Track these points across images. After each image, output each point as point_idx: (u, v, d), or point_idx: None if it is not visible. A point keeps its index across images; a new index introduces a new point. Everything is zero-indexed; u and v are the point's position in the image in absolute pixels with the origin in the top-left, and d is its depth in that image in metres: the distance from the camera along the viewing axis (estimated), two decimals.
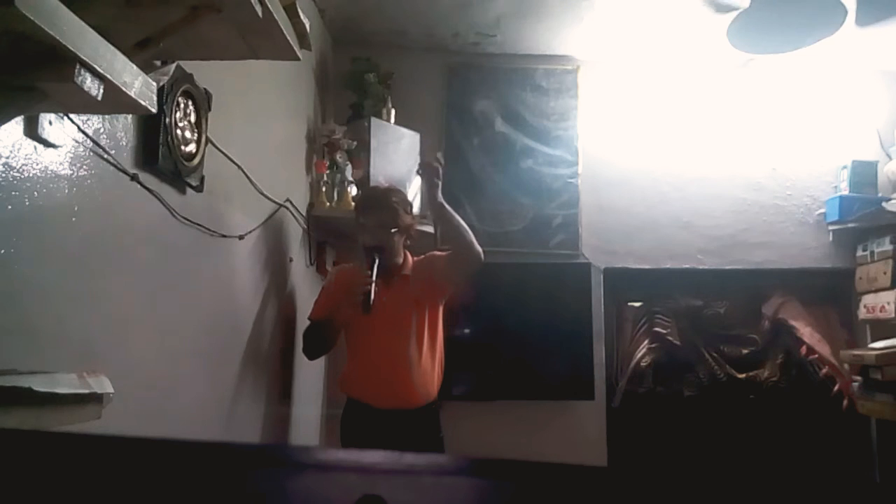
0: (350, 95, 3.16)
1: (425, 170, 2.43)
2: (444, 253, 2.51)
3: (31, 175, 1.12)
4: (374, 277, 2.23)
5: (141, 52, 1.10)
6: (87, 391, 0.97)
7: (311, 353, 2.50)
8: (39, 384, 0.88)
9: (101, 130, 1.31)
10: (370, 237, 2.35)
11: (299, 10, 1.31)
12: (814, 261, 3.43)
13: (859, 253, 3.36)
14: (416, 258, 2.51)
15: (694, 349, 3.41)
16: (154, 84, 1.00)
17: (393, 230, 2.36)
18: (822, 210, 3.41)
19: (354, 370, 2.43)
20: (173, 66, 1.48)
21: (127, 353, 1.40)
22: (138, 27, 1.09)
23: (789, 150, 3.48)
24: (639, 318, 3.46)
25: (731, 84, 3.50)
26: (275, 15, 1.19)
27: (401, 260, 2.45)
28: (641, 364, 3.35)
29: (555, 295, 3.26)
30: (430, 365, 2.41)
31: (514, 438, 3.12)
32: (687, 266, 3.41)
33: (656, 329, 3.39)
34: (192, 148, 1.67)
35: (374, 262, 2.28)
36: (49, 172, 1.16)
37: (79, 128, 1.24)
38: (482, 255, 2.41)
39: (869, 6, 2.69)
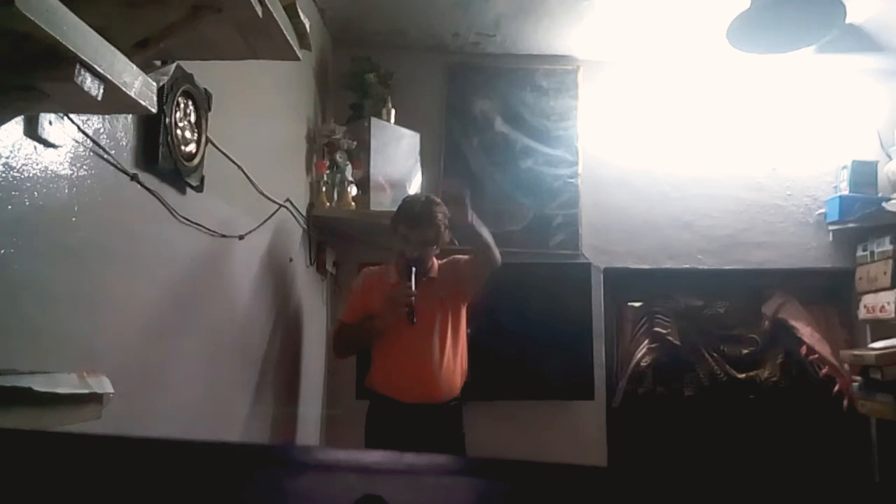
0: (350, 95, 3.16)
1: (450, 198, 2.44)
2: (464, 257, 2.56)
3: (31, 175, 1.12)
4: (414, 289, 2.32)
5: (141, 52, 1.10)
6: (87, 391, 0.97)
7: (343, 353, 2.67)
8: (39, 384, 0.88)
9: (101, 130, 1.31)
10: (411, 250, 2.42)
11: (299, 10, 1.31)
12: (814, 261, 3.43)
13: (859, 253, 3.36)
14: (439, 261, 2.57)
15: (694, 349, 3.40)
16: (154, 84, 1.00)
17: (432, 243, 2.44)
18: (822, 210, 3.41)
19: (382, 367, 2.49)
20: (173, 66, 1.48)
21: (127, 353, 1.40)
22: (138, 27, 1.09)
23: (789, 150, 3.48)
24: (639, 318, 3.46)
25: (731, 84, 3.50)
26: (275, 15, 1.19)
27: (429, 263, 2.52)
28: (641, 364, 3.35)
29: (555, 295, 3.25)
30: (453, 362, 2.49)
31: (514, 438, 3.12)
32: (687, 266, 3.41)
33: (656, 329, 3.38)
34: (192, 148, 1.67)
35: (412, 272, 2.35)
36: (49, 172, 1.16)
37: (79, 128, 1.24)
38: (499, 260, 2.48)
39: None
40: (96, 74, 0.87)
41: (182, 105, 1.61)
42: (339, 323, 2.61)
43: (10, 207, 1.07)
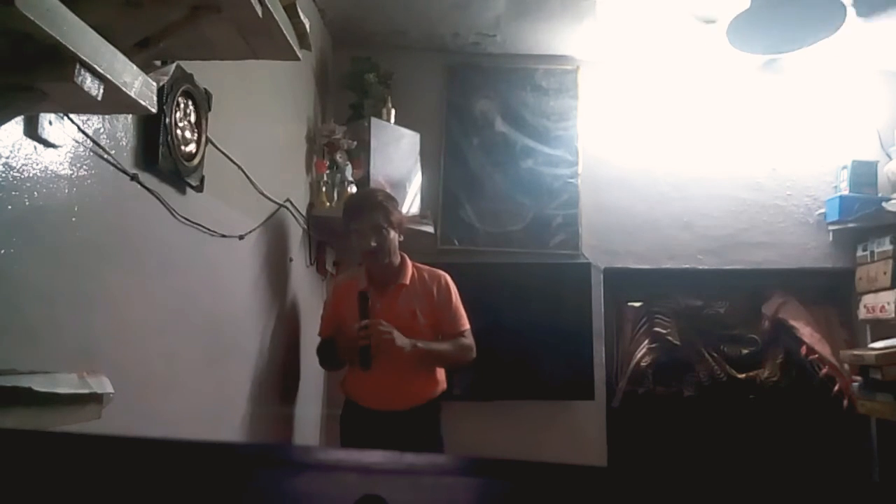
0: (350, 95, 3.16)
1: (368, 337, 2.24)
2: (451, 287, 2.47)
3: (31, 175, 1.12)
4: (367, 328, 2.20)
5: (141, 52, 1.10)
6: (87, 391, 0.97)
7: (327, 368, 2.63)
8: (39, 384, 0.88)
9: (101, 130, 1.31)
10: (366, 241, 2.34)
11: (299, 10, 1.31)
12: (814, 261, 3.43)
13: (859, 253, 3.36)
14: (415, 265, 2.49)
15: (694, 349, 3.41)
16: (154, 84, 1.00)
17: (385, 228, 2.35)
18: (822, 210, 3.41)
19: (352, 374, 2.44)
20: (173, 66, 1.48)
21: (127, 353, 1.40)
22: (138, 27, 1.09)
23: (789, 150, 3.48)
24: (639, 318, 3.46)
25: (731, 84, 3.50)
26: (275, 15, 1.19)
27: (398, 260, 2.44)
28: (641, 364, 3.35)
29: (555, 295, 3.26)
30: (426, 369, 2.43)
31: (514, 438, 3.12)
32: (687, 266, 3.41)
33: (656, 329, 3.39)
34: (192, 148, 1.67)
35: (365, 303, 2.22)
36: (49, 172, 1.16)
37: (79, 128, 1.24)
38: (473, 356, 2.46)
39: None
40: (96, 74, 0.87)
41: (182, 105, 1.61)
42: (320, 337, 2.55)
43: (10, 207, 1.07)
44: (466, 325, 2.47)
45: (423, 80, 3.42)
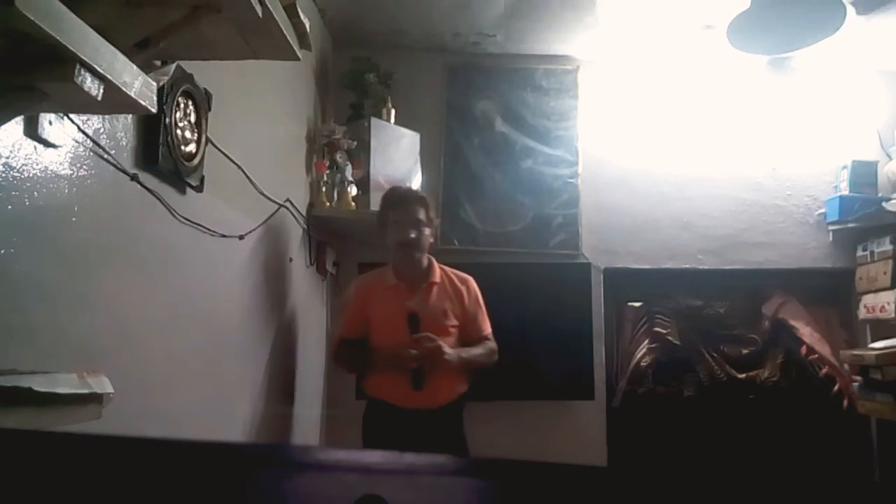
0: (350, 95, 3.16)
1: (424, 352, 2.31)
2: (475, 290, 2.52)
3: (31, 175, 1.12)
4: (417, 351, 2.26)
5: (141, 52, 1.10)
6: (87, 391, 0.97)
7: (349, 371, 2.63)
8: (39, 384, 0.88)
9: (101, 130, 1.31)
10: (404, 232, 2.36)
11: (299, 10, 1.31)
12: (814, 261, 3.43)
13: (859, 253, 3.36)
14: (441, 266, 2.51)
15: (694, 349, 3.41)
16: (154, 84, 1.00)
17: (424, 223, 2.39)
18: (822, 210, 3.41)
19: (379, 371, 2.43)
20: (173, 66, 1.48)
21: (127, 353, 1.40)
22: (138, 27, 1.09)
23: (789, 150, 3.48)
24: (639, 318, 3.46)
25: (731, 84, 3.50)
26: (275, 15, 1.19)
27: (426, 261, 2.46)
28: (641, 364, 3.35)
29: (555, 295, 3.25)
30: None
31: (514, 438, 3.12)
32: (687, 266, 3.41)
33: (656, 329, 3.39)
34: (192, 148, 1.67)
35: (415, 325, 2.28)
36: (49, 172, 1.16)
37: (79, 128, 1.24)
38: (496, 358, 2.51)
39: None
40: (96, 74, 0.87)
41: (182, 105, 1.61)
42: (338, 339, 2.52)
43: (10, 207, 1.07)
44: (490, 328, 2.52)
45: (423, 80, 3.42)
